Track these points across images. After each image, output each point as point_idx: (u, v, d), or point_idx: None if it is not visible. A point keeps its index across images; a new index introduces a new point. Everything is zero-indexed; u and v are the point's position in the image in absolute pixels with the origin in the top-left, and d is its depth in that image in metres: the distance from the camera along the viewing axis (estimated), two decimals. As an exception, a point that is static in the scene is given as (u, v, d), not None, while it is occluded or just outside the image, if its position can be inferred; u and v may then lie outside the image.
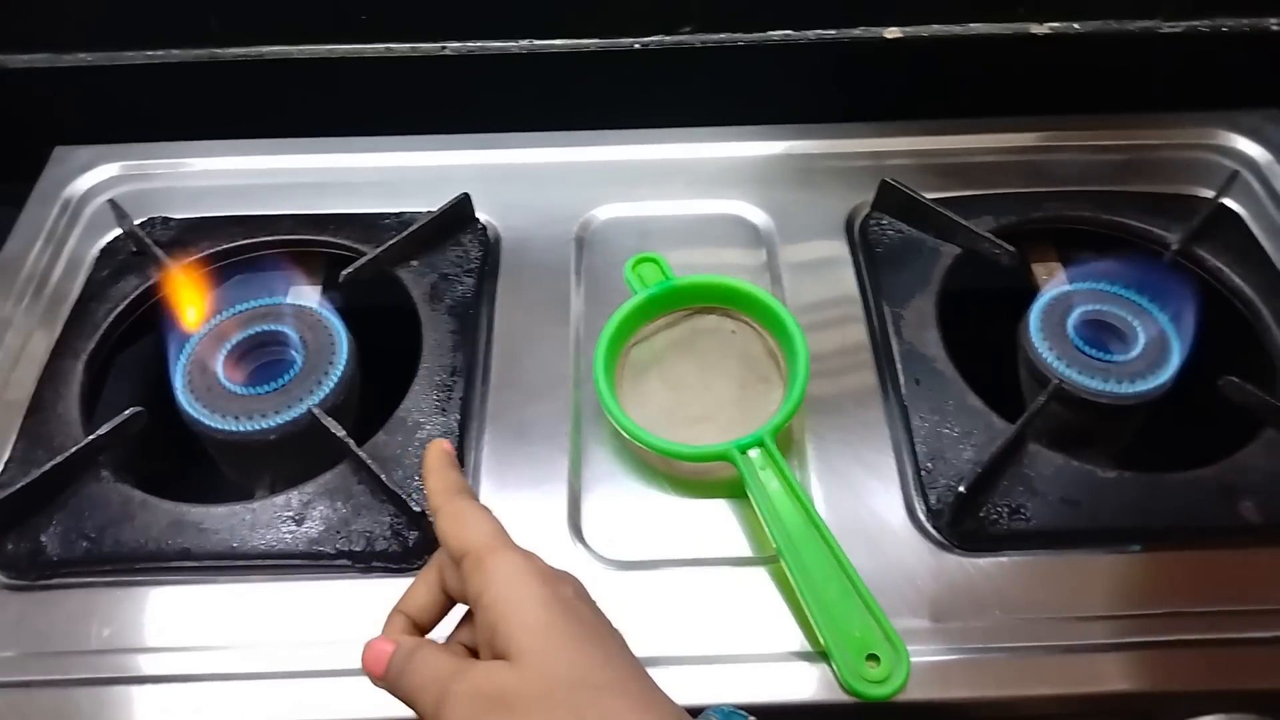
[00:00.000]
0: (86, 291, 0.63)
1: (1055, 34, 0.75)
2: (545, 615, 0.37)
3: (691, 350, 0.60)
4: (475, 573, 0.39)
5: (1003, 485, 0.52)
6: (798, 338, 0.56)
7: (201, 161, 0.71)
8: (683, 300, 0.60)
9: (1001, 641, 0.48)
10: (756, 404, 0.56)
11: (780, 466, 0.51)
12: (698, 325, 0.61)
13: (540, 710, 0.36)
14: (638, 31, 0.74)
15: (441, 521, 0.41)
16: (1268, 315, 0.59)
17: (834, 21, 0.74)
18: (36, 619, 0.50)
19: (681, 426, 0.55)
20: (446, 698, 0.37)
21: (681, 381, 0.58)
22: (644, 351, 0.60)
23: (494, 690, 0.36)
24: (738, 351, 0.59)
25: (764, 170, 0.70)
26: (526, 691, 0.36)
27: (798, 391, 0.54)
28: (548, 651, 0.37)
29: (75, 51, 0.74)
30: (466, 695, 0.37)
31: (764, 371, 0.58)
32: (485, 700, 0.36)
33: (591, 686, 0.36)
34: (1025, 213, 0.65)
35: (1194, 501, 0.52)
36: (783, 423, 0.53)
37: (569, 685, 0.36)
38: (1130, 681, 0.47)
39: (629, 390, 0.58)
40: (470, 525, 0.40)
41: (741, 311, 0.60)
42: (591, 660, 0.37)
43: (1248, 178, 0.68)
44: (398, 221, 0.65)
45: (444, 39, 0.74)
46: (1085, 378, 0.56)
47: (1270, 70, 0.75)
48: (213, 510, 0.52)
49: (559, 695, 0.36)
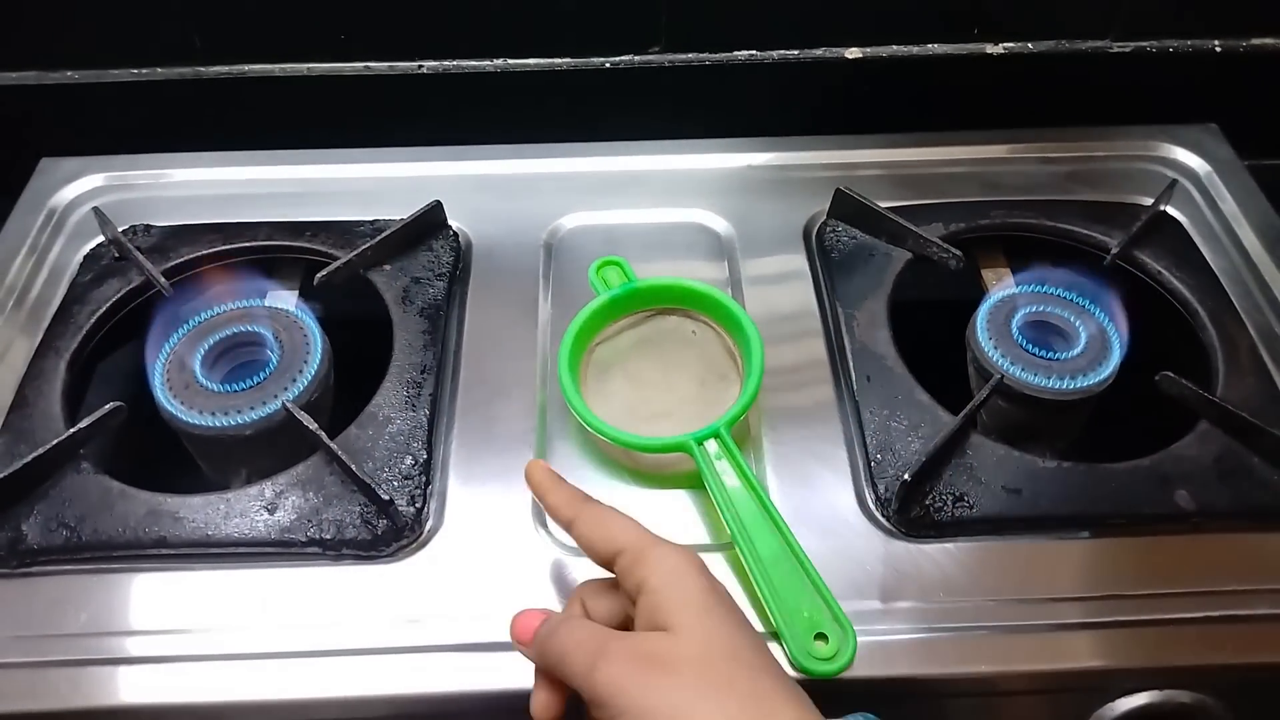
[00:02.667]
0: (70, 295, 0.65)
1: (1009, 53, 0.78)
2: (706, 599, 0.41)
3: (653, 349, 0.62)
4: (637, 565, 0.42)
5: (947, 475, 0.54)
6: (753, 337, 0.58)
7: (184, 172, 0.74)
8: (645, 301, 0.63)
9: (945, 622, 0.50)
10: (715, 399, 0.59)
11: (735, 457, 0.53)
12: (660, 325, 0.63)
13: (695, 671, 0.39)
14: (608, 51, 0.77)
15: (582, 528, 0.45)
16: (1204, 314, 0.62)
17: (797, 42, 0.78)
18: (16, 604, 0.51)
19: (643, 422, 0.57)
20: (604, 654, 0.40)
21: (644, 379, 0.60)
22: (607, 351, 0.62)
23: (653, 650, 0.40)
24: (697, 351, 0.62)
25: (726, 181, 0.73)
26: (684, 653, 0.39)
27: (753, 386, 0.56)
28: (708, 627, 0.40)
29: (62, 69, 0.76)
30: (624, 653, 0.40)
31: (723, 369, 0.60)
32: (644, 659, 0.39)
33: (745, 663, 0.39)
34: (974, 220, 0.68)
35: (1131, 490, 0.54)
36: (738, 415, 0.55)
37: (725, 656, 0.39)
38: (1068, 659, 0.49)
39: (593, 387, 0.60)
40: (617, 527, 0.44)
41: (701, 312, 0.62)
42: (744, 642, 0.40)
43: (1188, 187, 0.72)
44: (372, 228, 0.68)
45: (420, 58, 0.77)
46: (1028, 374, 0.58)
47: (1211, 88, 0.78)
48: (189, 500, 0.54)
49: (715, 662, 0.39)
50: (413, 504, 0.54)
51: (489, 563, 0.52)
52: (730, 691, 0.38)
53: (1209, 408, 0.56)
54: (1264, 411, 0.56)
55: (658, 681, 0.39)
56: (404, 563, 0.52)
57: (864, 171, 0.73)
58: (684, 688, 0.38)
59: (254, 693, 0.48)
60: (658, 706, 0.38)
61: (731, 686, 0.39)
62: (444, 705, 0.48)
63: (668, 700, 0.38)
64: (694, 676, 0.39)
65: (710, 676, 0.39)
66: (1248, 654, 0.49)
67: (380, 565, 0.52)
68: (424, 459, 0.56)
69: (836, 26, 0.77)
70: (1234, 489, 0.54)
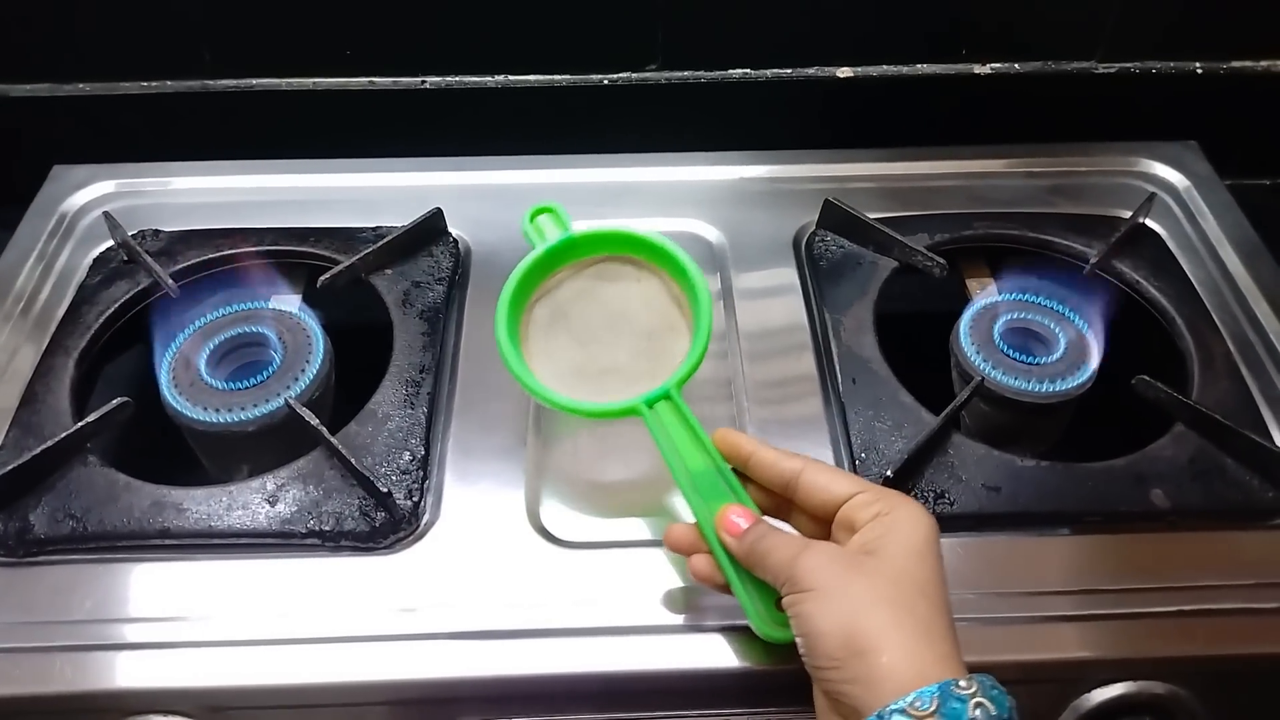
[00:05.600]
0: (79, 296, 0.67)
1: (996, 74, 0.81)
2: (923, 547, 0.44)
3: (596, 301, 0.58)
4: (879, 501, 0.46)
5: (929, 473, 0.56)
6: (700, 286, 0.55)
7: (192, 180, 0.76)
8: (584, 251, 0.59)
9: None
10: (664, 352, 0.56)
11: (686, 417, 0.52)
12: (601, 274, 0.59)
13: (886, 584, 0.42)
14: (606, 69, 0.79)
15: (813, 474, 0.48)
16: (1180, 321, 0.64)
17: (790, 62, 0.80)
18: (23, 592, 0.52)
19: (591, 380, 0.55)
20: (811, 547, 0.44)
21: (588, 333, 0.57)
22: (548, 306, 0.58)
23: (856, 557, 0.44)
24: (643, 300, 0.58)
25: (719, 192, 0.75)
26: (883, 570, 0.43)
27: (702, 341, 0.54)
28: (914, 563, 0.43)
29: (75, 81, 0.78)
30: (830, 549, 0.45)
31: (671, 319, 0.57)
32: (846, 557, 0.44)
33: (931, 600, 0.43)
34: (958, 231, 0.70)
35: (1109, 489, 0.56)
36: (688, 374, 0.53)
37: (916, 588, 0.43)
38: (1046, 650, 0.50)
39: (537, 348, 0.57)
40: (847, 475, 0.49)
41: (645, 259, 0.59)
42: (937, 589, 0.43)
43: (1167, 201, 0.74)
44: (374, 234, 0.69)
45: (423, 74, 0.79)
46: (1009, 378, 0.60)
47: (1192, 107, 0.81)
48: (192, 492, 0.55)
49: (905, 587, 0.43)
50: (410, 498, 0.55)
51: (482, 555, 0.54)
52: (909, 612, 0.42)
53: (1184, 410, 0.58)
54: (1237, 414, 0.58)
55: (853, 576, 0.43)
56: (401, 554, 0.54)
57: (853, 184, 0.75)
58: (872, 590, 0.42)
59: (253, 678, 0.49)
60: (845, 593, 0.42)
61: (912, 610, 0.42)
62: (438, 691, 0.50)
63: (852, 592, 0.42)
64: (884, 588, 0.42)
65: (896, 595, 0.42)
66: (1219, 646, 0.50)
67: (378, 556, 0.54)
68: (422, 455, 0.57)
69: (828, 47, 0.79)
70: (1207, 488, 0.55)
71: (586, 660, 0.50)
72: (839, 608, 0.42)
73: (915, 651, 0.41)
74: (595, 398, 0.54)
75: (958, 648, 0.42)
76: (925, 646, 0.41)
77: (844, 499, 0.47)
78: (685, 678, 0.50)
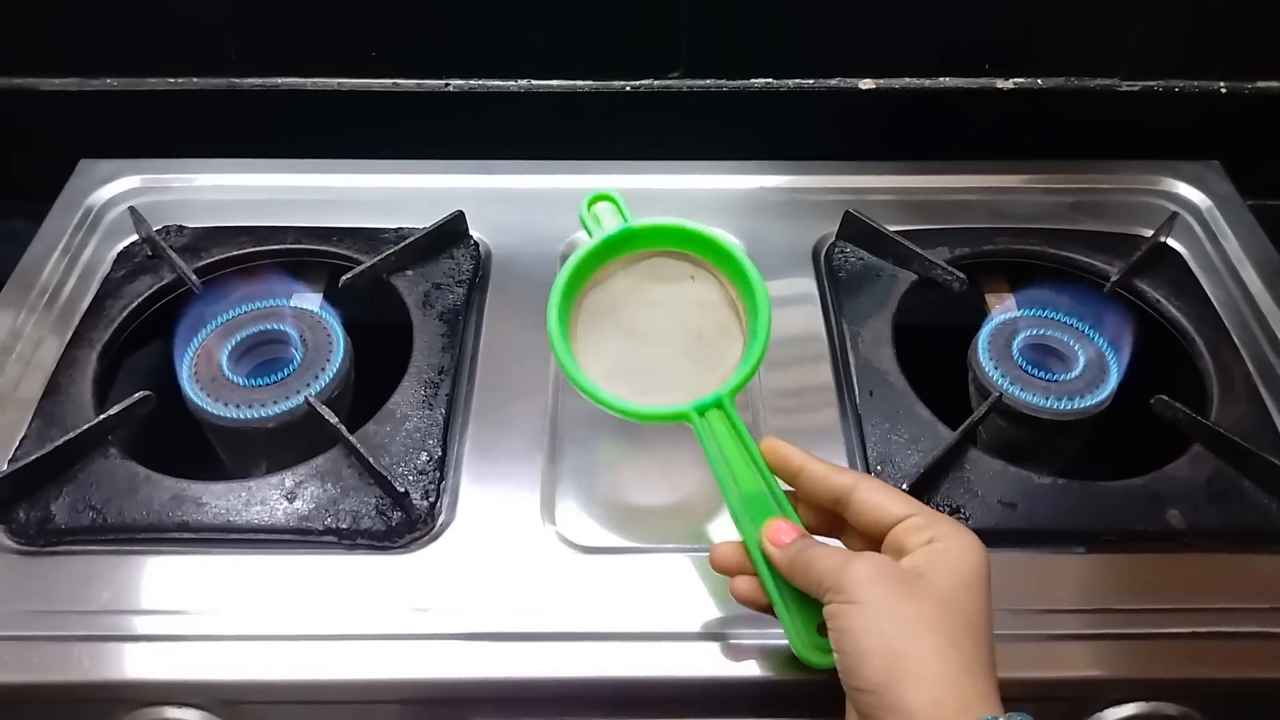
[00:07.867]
0: (103, 290, 0.67)
1: (1019, 89, 0.80)
2: (972, 577, 0.43)
3: (648, 297, 0.56)
4: (932, 525, 0.44)
5: (944, 487, 0.56)
6: (759, 291, 0.53)
7: (217, 177, 0.77)
8: (641, 244, 0.56)
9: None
10: (714, 358, 0.54)
11: (738, 429, 0.50)
12: (655, 270, 0.57)
13: (933, 610, 0.41)
14: (629, 75, 0.80)
15: (867, 491, 0.47)
16: (1200, 342, 0.64)
17: (813, 72, 0.80)
18: (43, 581, 0.53)
19: (634, 377, 0.53)
20: (859, 558, 0.43)
21: (637, 330, 0.55)
22: (599, 296, 0.56)
23: (906, 575, 0.43)
24: (697, 299, 0.56)
25: (739, 202, 0.76)
26: (932, 594, 0.42)
27: (758, 350, 0.52)
28: (962, 593, 0.42)
29: (103, 76, 0.79)
30: (879, 561, 0.43)
31: (724, 322, 0.55)
32: (896, 573, 0.43)
33: (975, 633, 0.42)
34: (978, 245, 0.70)
35: (1125, 508, 0.56)
36: (741, 383, 0.51)
37: (963, 618, 0.42)
38: (1059, 668, 0.50)
39: (583, 340, 0.54)
40: (902, 494, 0.47)
41: (704, 258, 0.56)
42: (983, 621, 0.43)
43: (1189, 220, 0.73)
44: (396, 235, 0.70)
45: (447, 76, 0.80)
46: (1027, 394, 0.60)
47: (1215, 126, 0.80)
48: (211, 486, 0.56)
49: (952, 616, 0.42)
50: (426, 498, 0.56)
51: (497, 557, 0.54)
52: (954, 644, 0.41)
53: (1202, 431, 0.58)
54: (1256, 436, 0.58)
55: (903, 594, 0.42)
56: (416, 554, 0.54)
57: (873, 196, 0.75)
58: (920, 616, 0.41)
59: (267, 673, 0.50)
60: (892, 613, 0.41)
61: (956, 641, 0.41)
62: (449, 691, 0.50)
63: (901, 614, 0.41)
64: (932, 615, 0.41)
65: (944, 625, 0.41)
66: (1233, 669, 0.50)
67: (393, 555, 0.54)
68: (439, 455, 0.58)
69: (851, 58, 0.79)
70: (1224, 510, 0.55)
71: (599, 665, 0.50)
72: (885, 629, 0.41)
73: (957, 686, 0.40)
74: (636, 396, 0.52)
75: (996, 685, 0.41)
76: (968, 682, 0.40)
77: (896, 520, 0.45)
78: (700, 686, 0.50)
